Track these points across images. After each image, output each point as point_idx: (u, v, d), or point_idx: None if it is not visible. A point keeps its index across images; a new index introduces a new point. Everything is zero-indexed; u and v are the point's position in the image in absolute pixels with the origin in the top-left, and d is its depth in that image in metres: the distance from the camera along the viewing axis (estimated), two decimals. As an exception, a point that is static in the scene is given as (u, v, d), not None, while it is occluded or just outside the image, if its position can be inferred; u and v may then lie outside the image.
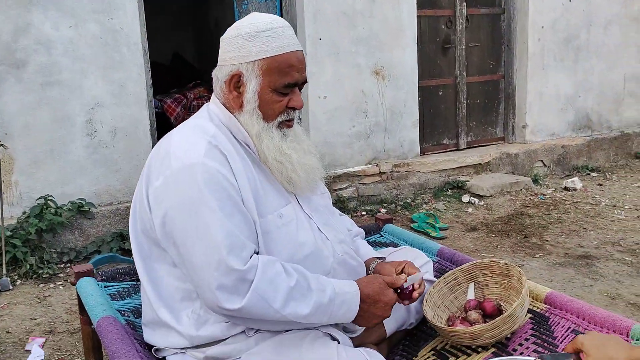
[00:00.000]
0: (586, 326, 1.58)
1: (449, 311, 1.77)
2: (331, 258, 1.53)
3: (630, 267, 3.17)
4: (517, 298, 1.72)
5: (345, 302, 1.39)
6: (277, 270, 1.31)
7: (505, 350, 1.58)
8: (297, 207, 1.52)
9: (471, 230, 3.99)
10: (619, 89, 5.93)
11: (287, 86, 1.42)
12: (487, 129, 5.53)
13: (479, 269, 1.81)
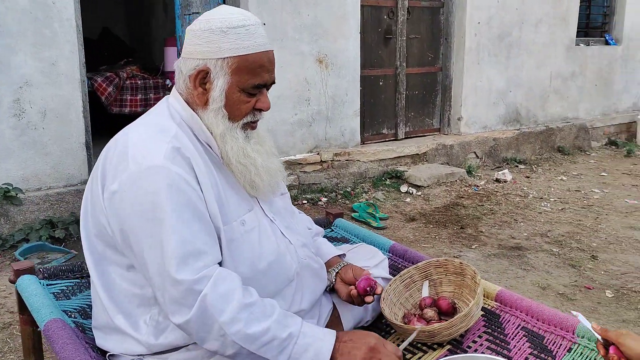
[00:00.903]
0: (534, 323, 1.66)
1: (404, 308, 1.81)
2: (295, 264, 1.49)
3: (558, 259, 3.36)
4: (470, 296, 1.79)
5: (312, 347, 1.27)
6: (232, 287, 1.24)
7: (460, 347, 1.64)
8: (260, 212, 1.47)
9: (410, 220, 4.09)
10: (546, 85, 6.23)
11: (256, 87, 1.37)
12: (425, 120, 5.67)
13: (433, 267, 1.85)
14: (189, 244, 1.23)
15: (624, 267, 3.22)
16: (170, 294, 1.21)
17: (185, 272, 1.21)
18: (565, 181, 5.17)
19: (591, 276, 3.10)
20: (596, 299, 2.84)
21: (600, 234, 3.76)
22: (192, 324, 1.21)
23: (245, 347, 1.22)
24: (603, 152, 6.46)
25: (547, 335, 1.61)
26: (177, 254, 1.21)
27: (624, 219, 4.08)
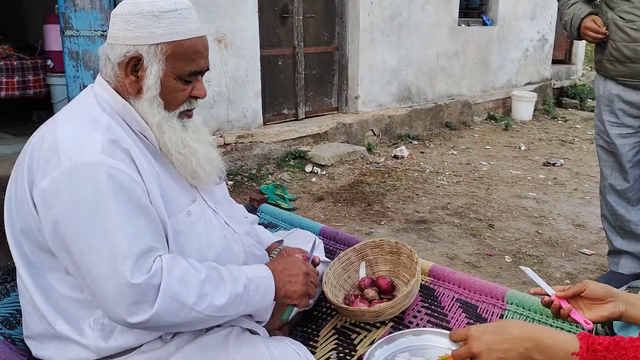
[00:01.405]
0: (467, 294, 1.78)
1: (344, 290, 1.85)
2: (242, 253, 1.50)
3: (460, 229, 3.60)
4: (406, 273, 1.87)
5: (260, 287, 1.34)
6: (184, 267, 1.23)
7: (402, 323, 1.71)
8: (203, 202, 1.45)
9: (318, 200, 4.16)
10: (433, 64, 6.56)
11: (193, 74, 1.33)
12: (324, 100, 5.74)
13: (369, 247, 1.91)
14: (139, 243, 1.18)
15: (517, 233, 3.53)
16: (127, 297, 1.15)
17: (140, 273, 1.16)
18: (456, 155, 5.51)
19: (491, 244, 3.36)
20: (498, 264, 3.09)
21: (493, 203, 4.07)
22: (157, 317, 1.17)
23: (216, 316, 1.25)
24: (484, 126, 6.96)
25: (479, 304, 1.73)
26: (128, 255, 1.15)
27: (511, 188, 4.45)
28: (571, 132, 6.72)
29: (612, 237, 2.77)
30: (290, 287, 1.40)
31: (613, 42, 2.46)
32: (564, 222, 3.72)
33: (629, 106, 2.50)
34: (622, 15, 2.39)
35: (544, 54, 8.35)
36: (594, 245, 3.33)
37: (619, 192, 2.67)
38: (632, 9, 2.35)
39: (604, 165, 2.70)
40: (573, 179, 4.70)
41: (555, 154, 5.56)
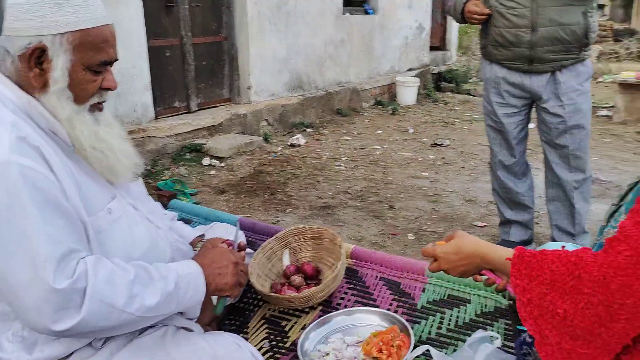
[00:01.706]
0: (389, 272, 1.84)
1: (270, 279, 1.85)
2: (168, 249, 1.46)
3: (363, 212, 3.71)
4: (330, 257, 1.90)
5: (191, 283, 1.31)
6: (110, 268, 1.18)
7: (330, 306, 1.74)
8: (122, 199, 1.39)
9: (220, 192, 4.09)
10: (321, 52, 6.67)
11: (102, 64, 1.26)
12: (215, 91, 5.62)
13: (292, 235, 1.92)
14: (60, 245, 1.11)
15: (416, 212, 3.71)
16: (51, 303, 1.08)
17: (64, 277, 1.09)
18: (350, 141, 5.66)
19: (393, 224, 3.51)
20: (402, 242, 3.23)
21: (390, 185, 4.24)
22: (85, 322, 1.11)
23: (148, 316, 1.20)
24: (373, 111, 7.21)
25: (402, 280, 1.81)
26: (49, 259, 1.08)
27: (405, 170, 4.66)
28: (452, 114, 7.16)
29: (503, 208, 3.01)
30: (221, 280, 1.37)
31: (496, 29, 2.64)
32: (456, 198, 3.97)
33: (513, 87, 2.71)
34: (503, 2, 2.58)
35: (422, 42, 8.79)
36: (485, 218, 3.59)
37: (507, 167, 2.90)
38: None
39: (493, 143, 2.91)
40: (459, 158, 5.02)
41: (440, 135, 5.90)
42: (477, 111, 7.37)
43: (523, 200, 2.94)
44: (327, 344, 1.55)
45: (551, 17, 2.48)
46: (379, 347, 1.49)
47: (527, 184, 2.94)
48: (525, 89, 2.68)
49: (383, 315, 1.62)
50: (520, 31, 2.55)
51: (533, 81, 2.64)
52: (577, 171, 2.74)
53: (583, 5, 2.49)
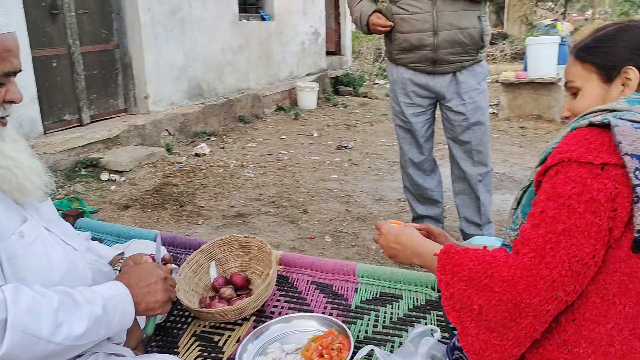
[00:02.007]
0: (320, 276, 1.82)
1: (197, 294, 1.75)
2: (88, 271, 1.35)
3: (277, 218, 3.67)
4: (258, 266, 1.84)
5: (118, 305, 1.22)
6: (31, 296, 1.07)
7: (264, 315, 1.69)
8: (34, 221, 1.27)
9: (124, 208, 3.87)
10: (220, 59, 6.54)
11: (6, 75, 1.17)
12: (109, 101, 5.32)
13: (218, 246, 1.84)
14: None
15: (330, 214, 3.73)
16: None
17: None
18: (255, 147, 5.60)
19: (309, 227, 3.50)
20: (320, 245, 3.23)
21: (301, 189, 4.24)
22: (8, 357, 1.01)
23: (77, 345, 1.11)
24: (275, 117, 7.19)
25: (334, 282, 1.79)
26: None
27: (314, 173, 4.68)
28: (353, 117, 7.32)
29: (414, 205, 3.10)
30: (151, 298, 1.28)
31: (401, 34, 2.73)
32: (366, 198, 4.04)
33: (420, 88, 2.82)
34: (406, 8, 2.67)
35: (318, 47, 8.92)
36: (396, 215, 3.68)
37: (416, 164, 2.99)
38: (414, 2, 2.64)
39: (402, 142, 3.00)
40: (365, 159, 5.13)
41: (344, 138, 6.00)
42: (376, 113, 7.60)
43: (433, 196, 3.05)
44: (266, 355, 1.51)
45: (451, 21, 2.62)
46: (319, 351, 1.47)
47: (435, 180, 3.06)
48: (430, 89, 2.79)
49: (319, 320, 1.60)
50: (424, 35, 2.65)
51: (437, 82, 2.76)
52: (480, 165, 2.89)
53: (477, 10, 2.67)
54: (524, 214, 1.14)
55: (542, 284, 0.94)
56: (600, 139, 1.00)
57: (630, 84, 1.15)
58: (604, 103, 1.16)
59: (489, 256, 1.02)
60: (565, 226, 0.96)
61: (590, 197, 0.96)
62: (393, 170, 4.73)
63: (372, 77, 11.13)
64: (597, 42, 1.20)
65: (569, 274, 0.94)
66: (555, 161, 1.02)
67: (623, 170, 0.96)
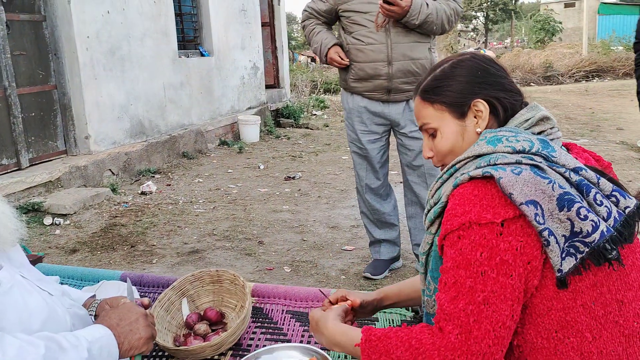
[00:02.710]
0: (295, 304, 1.84)
1: (171, 333, 1.73)
2: (67, 315, 1.32)
3: (233, 252, 3.65)
4: (231, 299, 1.84)
5: (103, 347, 1.20)
6: (17, 345, 1.04)
7: (241, 349, 1.68)
8: (9, 268, 1.24)
9: (72, 252, 3.73)
10: (161, 96, 6.49)
11: None
12: (48, 143, 5.16)
13: (189, 282, 1.82)
14: None
15: (286, 244, 3.75)
16: None
17: None
18: (202, 182, 5.55)
19: (267, 259, 3.50)
20: (280, 276, 3.24)
21: (255, 222, 4.24)
22: None
23: None
24: (220, 151, 7.16)
25: (309, 310, 1.81)
26: None
27: (265, 205, 4.69)
28: (297, 148, 7.40)
29: (372, 229, 3.17)
30: (134, 336, 1.27)
31: (357, 64, 2.83)
32: (320, 226, 4.09)
33: (375, 116, 2.92)
34: (361, 39, 2.78)
35: (257, 80, 9.00)
36: (351, 242, 3.75)
37: (373, 190, 3.08)
38: (369, 33, 2.75)
39: (359, 168, 3.08)
40: (314, 188, 5.20)
41: (291, 169, 6.05)
42: (319, 143, 7.72)
43: (389, 220, 3.13)
44: (250, 389, 1.50)
45: (404, 52, 2.75)
46: (303, 378, 1.48)
47: (391, 204, 3.15)
48: (385, 116, 2.90)
49: (299, 349, 1.60)
50: (379, 64, 2.77)
51: (391, 109, 2.87)
52: (432, 188, 3.00)
53: (428, 42, 2.82)
54: (434, 279, 1.14)
55: (475, 358, 0.94)
56: (489, 193, 1.00)
57: (482, 115, 1.16)
58: (463, 138, 1.18)
59: (415, 340, 1.01)
60: (484, 295, 0.96)
61: (500, 259, 0.96)
62: (343, 198, 4.82)
63: (310, 109, 11.31)
64: (439, 81, 1.21)
65: (496, 342, 0.95)
66: (455, 226, 1.00)
67: (522, 219, 0.97)
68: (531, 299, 1.00)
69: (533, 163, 1.02)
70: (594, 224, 0.98)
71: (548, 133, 1.16)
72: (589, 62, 16.48)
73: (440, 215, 1.12)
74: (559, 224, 0.98)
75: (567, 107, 10.44)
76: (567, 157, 1.07)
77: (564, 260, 0.98)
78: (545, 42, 25.76)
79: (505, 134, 1.10)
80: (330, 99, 12.83)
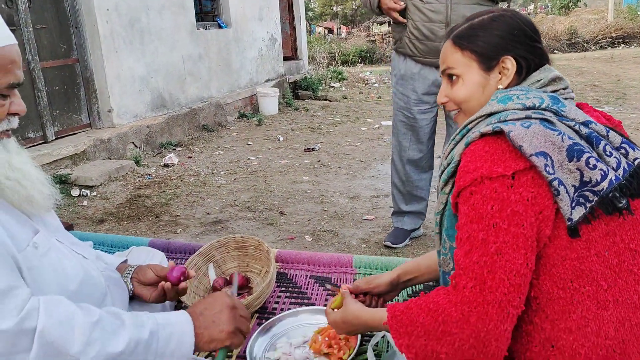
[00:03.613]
0: (318, 269, 1.88)
1: (198, 296, 1.79)
2: (102, 278, 1.37)
3: (255, 222, 3.72)
4: (256, 264, 1.89)
5: (174, 334, 1.17)
6: (69, 310, 1.07)
7: (266, 312, 1.74)
8: (45, 232, 1.28)
9: (99, 222, 3.83)
10: (180, 69, 6.52)
11: (10, 86, 1.17)
12: (73, 117, 5.24)
13: (215, 248, 1.88)
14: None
15: (306, 214, 3.80)
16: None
17: (7, 316, 0.99)
18: (223, 155, 5.61)
19: (288, 229, 3.56)
20: (302, 245, 3.29)
21: (275, 193, 4.29)
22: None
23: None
24: (239, 124, 7.21)
25: (332, 275, 1.86)
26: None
27: (286, 176, 4.74)
28: (315, 120, 7.40)
29: (399, 201, 3.13)
30: (215, 328, 1.22)
31: (413, 22, 2.70)
32: (340, 197, 4.13)
33: (427, 84, 2.80)
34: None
35: (275, 52, 8.97)
36: (372, 212, 3.78)
37: (414, 161, 2.99)
38: None
39: (403, 138, 2.97)
40: (333, 160, 5.22)
41: (310, 140, 6.07)
42: (338, 115, 7.71)
43: (421, 194, 3.07)
44: (276, 350, 1.55)
45: (464, 14, 2.53)
46: (327, 342, 1.52)
47: (429, 177, 3.08)
48: (438, 85, 2.78)
49: (322, 312, 1.66)
50: (435, 26, 2.64)
51: None
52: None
53: (491, 4, 2.64)
54: (449, 236, 1.16)
55: (492, 308, 0.96)
56: (499, 148, 1.01)
57: (507, 73, 1.17)
58: (483, 91, 1.19)
59: (432, 303, 1.04)
60: (496, 245, 0.97)
61: (511, 210, 0.98)
62: (362, 168, 4.84)
63: (328, 81, 11.26)
64: (475, 30, 1.19)
65: (511, 290, 0.96)
66: (467, 182, 1.02)
67: (532, 171, 0.99)
68: (545, 249, 1.02)
69: (542, 117, 1.04)
70: (602, 172, 1.00)
71: (561, 93, 1.17)
72: (614, 28, 16.07)
73: (454, 174, 1.13)
74: (568, 174, 1.00)
75: (592, 74, 10.24)
76: (577, 112, 1.09)
77: (574, 210, 1.00)
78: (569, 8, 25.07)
79: (516, 93, 1.12)
80: (348, 71, 12.74)
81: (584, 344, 1.00)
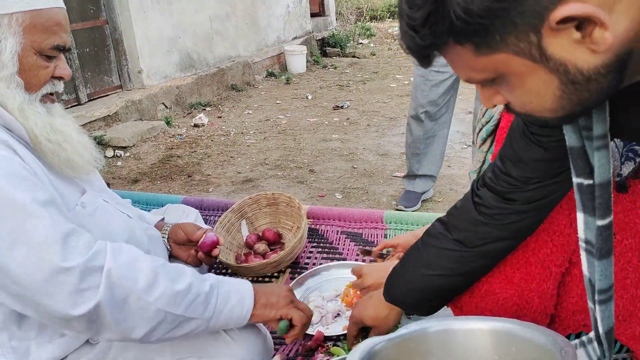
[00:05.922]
0: (349, 225, 1.91)
1: (232, 252, 1.84)
2: (144, 237, 1.41)
3: (285, 180, 3.75)
4: (288, 221, 1.93)
5: (235, 291, 1.20)
6: (134, 253, 1.12)
7: (298, 267, 1.78)
8: (91, 192, 1.32)
9: (134, 182, 3.92)
10: (208, 28, 6.49)
11: (55, 49, 1.17)
12: (104, 78, 5.30)
13: (247, 205, 1.92)
14: (60, 225, 1.04)
15: (336, 172, 3.81)
16: (64, 287, 1.00)
17: (73, 254, 1.02)
18: (252, 114, 5.62)
19: (318, 186, 3.58)
20: (332, 202, 3.31)
21: (305, 151, 4.30)
22: (103, 307, 1.03)
23: (171, 312, 1.09)
24: (267, 83, 7.18)
25: (363, 231, 1.88)
26: (52, 239, 1.01)
27: (315, 134, 4.74)
28: (344, 77, 7.32)
29: (414, 164, 3.11)
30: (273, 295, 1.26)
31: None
32: (370, 154, 4.12)
33: None
34: None
35: (302, 9, 8.82)
36: (402, 168, 3.76)
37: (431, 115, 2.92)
38: None
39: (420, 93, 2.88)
40: (362, 117, 5.18)
41: (339, 98, 6.03)
42: (367, 72, 7.61)
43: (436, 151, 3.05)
44: (309, 303, 1.59)
45: None
46: (359, 296, 1.55)
47: (444, 134, 3.05)
48: None
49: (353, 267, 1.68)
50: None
51: None
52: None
53: None
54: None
55: (534, 269, 0.98)
56: None
57: None
58: None
59: None
60: None
61: None
62: (392, 125, 4.80)
63: (356, 37, 11.04)
64: None
65: (554, 250, 0.98)
66: None
67: None
68: None
69: None
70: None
71: None
72: None
73: (493, 133, 1.12)
74: None
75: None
76: None
77: (623, 165, 0.99)
78: None
79: None
80: (377, 27, 12.46)
81: (622, 295, 1.00)
